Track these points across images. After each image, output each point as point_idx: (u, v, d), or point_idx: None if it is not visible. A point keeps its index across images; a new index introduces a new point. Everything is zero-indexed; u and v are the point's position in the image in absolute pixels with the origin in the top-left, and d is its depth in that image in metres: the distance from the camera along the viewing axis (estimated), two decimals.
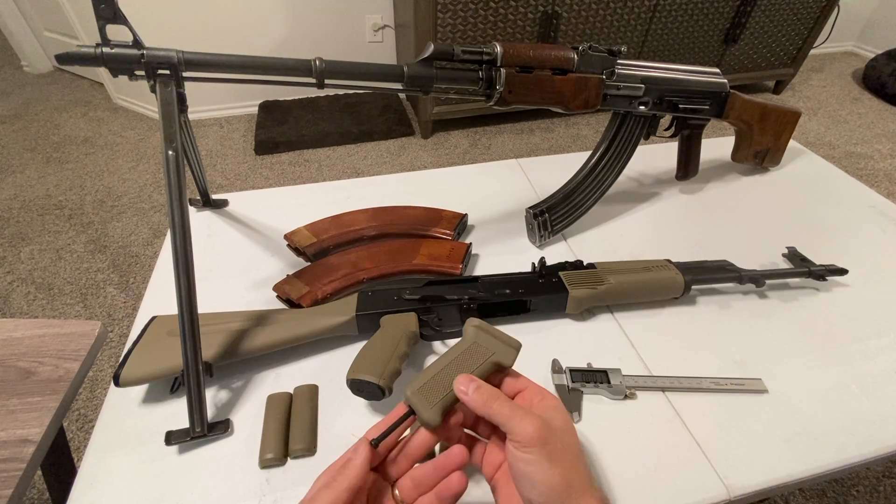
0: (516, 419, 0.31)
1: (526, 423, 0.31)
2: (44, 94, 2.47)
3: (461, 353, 0.36)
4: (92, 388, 1.22)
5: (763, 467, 0.43)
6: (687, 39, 2.13)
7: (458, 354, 0.36)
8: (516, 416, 0.31)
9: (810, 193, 0.78)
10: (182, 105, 0.44)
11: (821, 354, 0.53)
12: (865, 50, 2.98)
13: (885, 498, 1.04)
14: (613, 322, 0.56)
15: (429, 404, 0.34)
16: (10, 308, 1.39)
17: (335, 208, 0.67)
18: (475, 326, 0.38)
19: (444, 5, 1.74)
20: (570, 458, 0.31)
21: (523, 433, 0.30)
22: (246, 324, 0.49)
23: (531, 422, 0.31)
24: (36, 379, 0.54)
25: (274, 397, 0.47)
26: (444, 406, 0.34)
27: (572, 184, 0.67)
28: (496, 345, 0.37)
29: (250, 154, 2.06)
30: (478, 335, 0.37)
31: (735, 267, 0.58)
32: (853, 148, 2.16)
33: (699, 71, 0.66)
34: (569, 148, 2.14)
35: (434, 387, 0.34)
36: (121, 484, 0.41)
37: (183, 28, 2.02)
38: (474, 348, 0.36)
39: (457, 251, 0.60)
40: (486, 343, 0.37)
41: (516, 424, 0.31)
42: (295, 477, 0.42)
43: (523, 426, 0.31)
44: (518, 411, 0.32)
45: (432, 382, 0.35)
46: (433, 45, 0.49)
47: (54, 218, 1.72)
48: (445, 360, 0.36)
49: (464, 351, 0.36)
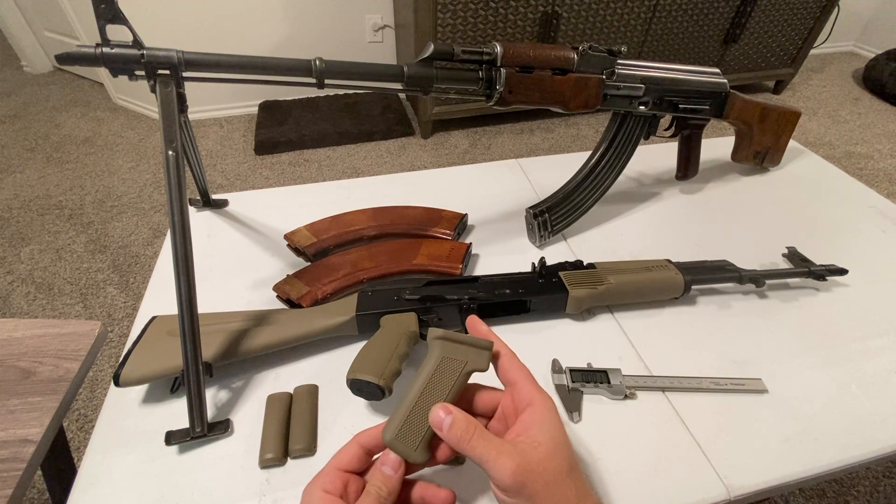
0: (491, 461, 0.30)
1: (502, 466, 0.29)
2: (44, 94, 2.47)
3: (433, 375, 0.34)
4: (92, 388, 1.22)
5: (763, 467, 0.43)
6: (687, 39, 2.13)
7: (430, 376, 0.34)
8: (491, 458, 0.30)
9: (810, 193, 0.78)
10: (182, 105, 0.44)
11: (821, 354, 0.53)
12: (865, 50, 2.98)
13: (885, 498, 1.04)
14: (613, 322, 0.56)
15: (412, 445, 0.32)
16: (10, 308, 1.39)
17: (335, 208, 0.67)
18: (439, 338, 0.35)
19: (444, 5, 1.75)
20: (557, 488, 0.30)
21: (499, 479, 0.29)
22: (246, 324, 0.49)
23: (508, 465, 0.29)
24: (36, 379, 0.54)
25: (274, 397, 0.47)
26: (428, 441, 0.33)
27: (572, 184, 0.67)
28: (467, 352, 0.35)
29: (250, 154, 2.06)
30: (445, 348, 0.35)
31: (735, 267, 0.58)
32: (853, 148, 2.16)
33: (699, 71, 0.66)
34: (569, 148, 2.14)
35: (412, 425, 0.33)
36: (121, 484, 0.41)
37: (183, 28, 2.02)
38: (445, 364, 0.34)
39: (457, 251, 0.60)
40: (456, 355, 0.34)
41: (492, 468, 0.30)
42: (295, 477, 0.42)
43: (499, 470, 0.29)
44: (492, 453, 0.30)
45: (410, 420, 0.33)
46: (433, 45, 0.49)
47: (54, 218, 1.72)
48: (417, 386, 0.34)
49: (435, 370, 0.34)
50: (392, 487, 0.32)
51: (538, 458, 0.30)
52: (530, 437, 0.31)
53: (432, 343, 0.35)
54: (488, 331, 0.38)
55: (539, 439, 0.31)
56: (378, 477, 0.33)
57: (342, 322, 0.50)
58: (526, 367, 0.36)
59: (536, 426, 0.32)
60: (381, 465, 0.33)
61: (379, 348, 0.46)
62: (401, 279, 0.57)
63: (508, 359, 0.36)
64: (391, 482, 0.32)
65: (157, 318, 0.51)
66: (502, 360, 0.36)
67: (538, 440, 0.31)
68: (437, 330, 0.36)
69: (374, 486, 0.32)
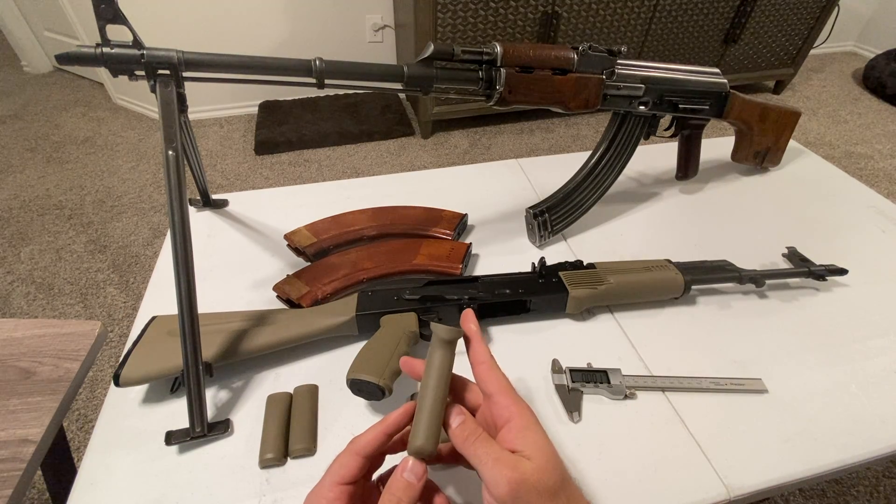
0: (489, 469, 0.29)
1: (499, 476, 0.29)
2: (44, 94, 2.47)
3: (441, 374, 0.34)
4: (92, 388, 1.22)
5: (763, 467, 0.43)
6: (687, 39, 2.13)
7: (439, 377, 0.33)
8: (488, 466, 0.30)
9: (810, 193, 0.78)
10: (182, 105, 0.44)
11: (821, 354, 0.53)
12: (865, 50, 2.98)
13: (885, 498, 1.04)
14: (613, 322, 0.56)
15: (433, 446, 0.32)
16: (10, 308, 1.39)
17: (335, 208, 0.67)
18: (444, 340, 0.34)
19: (444, 5, 1.74)
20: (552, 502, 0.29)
21: (495, 489, 0.29)
22: (246, 324, 0.49)
23: (505, 476, 0.29)
24: (36, 379, 0.54)
25: (274, 397, 0.47)
26: (439, 438, 0.33)
27: (572, 184, 0.67)
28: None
29: (250, 154, 2.06)
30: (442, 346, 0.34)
31: (735, 267, 0.58)
32: (853, 148, 2.16)
33: (699, 71, 0.66)
34: (569, 148, 2.14)
35: (434, 428, 0.32)
36: (121, 484, 0.41)
37: (183, 28, 2.02)
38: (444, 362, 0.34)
39: (457, 251, 0.60)
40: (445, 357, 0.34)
41: (490, 476, 0.29)
42: (295, 477, 0.42)
43: (496, 479, 0.29)
44: (490, 460, 0.30)
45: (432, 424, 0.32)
46: (433, 45, 0.49)
47: (54, 218, 1.72)
48: (431, 389, 0.33)
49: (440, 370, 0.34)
50: (414, 496, 0.31)
51: (531, 470, 0.29)
52: (518, 453, 0.31)
53: (439, 343, 0.34)
54: (477, 330, 0.36)
55: (527, 453, 0.30)
56: (399, 486, 0.31)
57: (342, 322, 0.50)
58: (504, 377, 0.34)
59: (520, 442, 0.31)
60: (402, 473, 0.31)
61: (379, 348, 0.46)
62: (401, 279, 0.57)
63: (485, 367, 0.34)
64: (414, 491, 0.31)
65: (157, 318, 0.51)
66: (479, 369, 0.35)
67: (527, 454, 0.30)
68: (441, 328, 0.34)
69: (395, 495, 0.30)
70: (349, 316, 0.50)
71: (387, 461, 0.35)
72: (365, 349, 0.46)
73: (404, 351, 0.46)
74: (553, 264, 0.57)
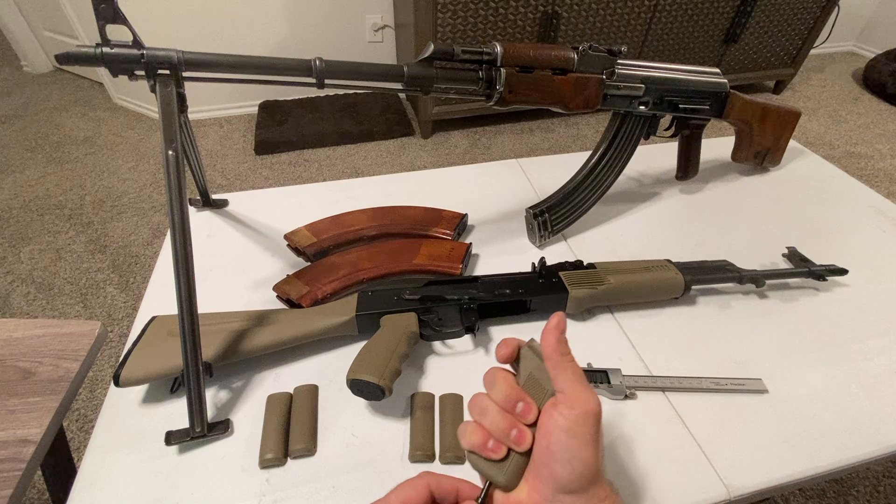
0: (579, 385, 0.29)
1: (590, 393, 0.29)
2: (44, 94, 2.47)
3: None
4: (92, 388, 1.22)
5: (763, 467, 0.43)
6: (687, 39, 2.13)
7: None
8: (579, 382, 0.30)
9: (810, 193, 0.78)
10: (182, 105, 0.44)
11: (821, 354, 0.53)
12: (865, 50, 2.98)
13: (885, 498, 1.04)
14: (613, 322, 0.56)
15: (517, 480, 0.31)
16: (10, 308, 1.39)
17: (335, 208, 0.67)
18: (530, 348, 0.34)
19: (444, 5, 1.74)
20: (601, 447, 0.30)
21: (583, 403, 0.29)
22: (246, 324, 0.49)
23: (594, 395, 0.29)
24: (36, 379, 0.54)
25: (274, 397, 0.47)
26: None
27: (572, 184, 0.67)
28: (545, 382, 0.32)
29: (250, 154, 2.06)
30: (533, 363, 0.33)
31: (735, 267, 0.58)
32: (853, 148, 2.16)
33: (699, 71, 0.66)
34: (569, 148, 2.14)
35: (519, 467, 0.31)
36: (121, 484, 0.41)
37: (183, 28, 2.02)
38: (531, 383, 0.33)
39: (457, 251, 0.60)
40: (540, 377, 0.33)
41: (578, 391, 0.29)
42: (295, 477, 0.42)
43: (586, 395, 0.29)
44: (583, 379, 0.30)
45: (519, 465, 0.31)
46: (433, 45, 0.49)
47: (54, 218, 1.72)
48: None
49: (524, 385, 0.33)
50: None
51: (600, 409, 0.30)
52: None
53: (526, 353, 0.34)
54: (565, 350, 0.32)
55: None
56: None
57: (342, 322, 0.50)
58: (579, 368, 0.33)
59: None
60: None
61: (379, 348, 0.46)
62: (401, 279, 0.57)
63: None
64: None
65: (157, 318, 0.51)
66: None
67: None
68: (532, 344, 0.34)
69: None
70: (349, 316, 0.50)
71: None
72: (365, 349, 0.46)
73: (404, 351, 0.47)
74: (553, 264, 0.57)
